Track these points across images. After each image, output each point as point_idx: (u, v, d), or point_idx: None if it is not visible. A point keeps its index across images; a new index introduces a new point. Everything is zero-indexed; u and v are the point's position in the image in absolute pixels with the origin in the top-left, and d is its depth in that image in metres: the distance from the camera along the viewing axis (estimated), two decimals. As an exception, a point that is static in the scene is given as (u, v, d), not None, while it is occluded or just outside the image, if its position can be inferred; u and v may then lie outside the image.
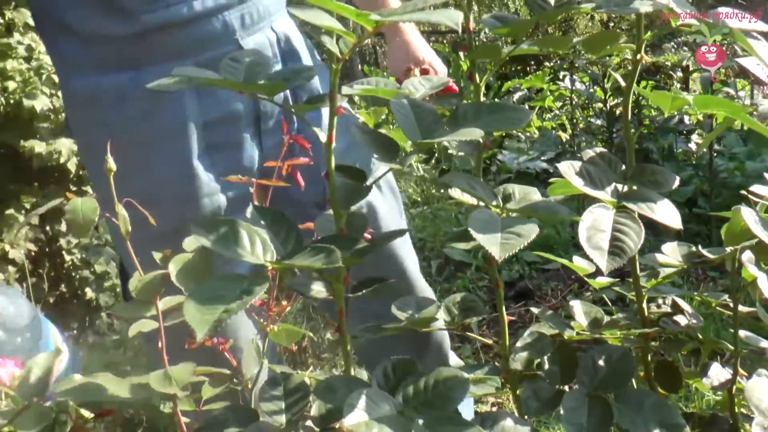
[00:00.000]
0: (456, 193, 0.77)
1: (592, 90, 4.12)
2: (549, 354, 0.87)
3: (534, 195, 0.78)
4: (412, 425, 0.64)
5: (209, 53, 1.12)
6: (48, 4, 1.14)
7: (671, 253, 0.92)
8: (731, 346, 0.87)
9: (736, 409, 0.88)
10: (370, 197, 1.28)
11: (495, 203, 0.74)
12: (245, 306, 0.55)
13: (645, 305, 0.91)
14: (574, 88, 4.17)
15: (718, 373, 0.87)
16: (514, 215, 0.73)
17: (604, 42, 0.85)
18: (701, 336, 0.89)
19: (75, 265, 2.98)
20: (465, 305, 0.87)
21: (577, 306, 0.94)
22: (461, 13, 0.59)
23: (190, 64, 1.09)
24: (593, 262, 1.03)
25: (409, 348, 1.31)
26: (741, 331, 0.93)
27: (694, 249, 0.92)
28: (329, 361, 2.64)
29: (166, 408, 2.57)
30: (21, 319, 1.11)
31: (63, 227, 2.91)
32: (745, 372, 0.87)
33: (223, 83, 0.72)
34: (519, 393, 0.86)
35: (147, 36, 1.11)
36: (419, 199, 4.01)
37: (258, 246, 0.62)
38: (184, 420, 0.89)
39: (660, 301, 0.94)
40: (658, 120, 4.40)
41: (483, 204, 0.74)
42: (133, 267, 0.77)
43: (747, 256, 0.83)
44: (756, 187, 0.90)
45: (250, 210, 0.68)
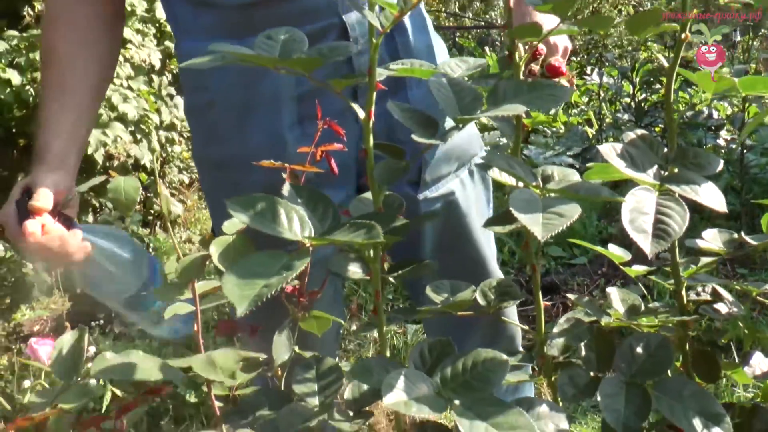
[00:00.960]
0: (495, 174, 0.76)
1: (620, 84, 4.08)
2: (586, 341, 0.86)
3: (574, 176, 0.77)
4: (450, 406, 0.63)
5: (309, 26, 1.09)
6: None
7: (712, 240, 0.90)
8: (774, 334, 0.85)
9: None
10: (451, 187, 1.29)
11: (535, 183, 0.72)
12: (285, 281, 0.54)
13: (684, 293, 0.89)
14: (602, 82, 4.13)
15: (760, 362, 0.85)
16: (554, 196, 0.71)
17: (646, 21, 0.83)
18: (743, 325, 0.87)
19: (101, 256, 3.00)
20: (501, 289, 0.86)
21: (614, 293, 0.92)
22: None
23: None
24: (627, 249, 1.03)
25: (482, 340, 1.30)
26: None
27: (735, 236, 0.90)
28: (355, 353, 2.63)
29: (191, 397, 2.58)
30: (129, 255, 1.15)
31: (90, 218, 2.92)
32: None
33: (258, 59, 0.71)
34: (554, 380, 0.85)
35: (254, 6, 1.13)
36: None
37: (295, 222, 0.61)
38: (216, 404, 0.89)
39: (699, 289, 0.91)
40: (687, 115, 4.35)
41: (522, 185, 0.72)
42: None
43: None
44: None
45: (286, 188, 0.66)
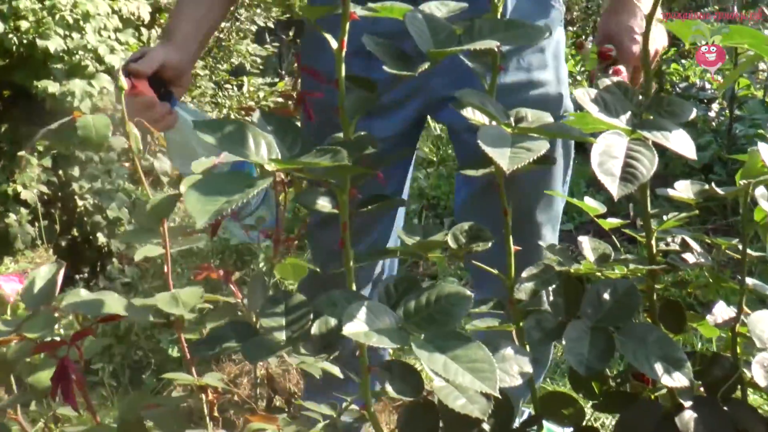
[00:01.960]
0: (468, 113, 0.75)
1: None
2: (554, 286, 0.86)
3: (547, 118, 0.77)
4: (412, 339, 0.63)
5: None
6: None
7: (683, 190, 0.91)
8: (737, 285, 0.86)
9: (738, 350, 0.87)
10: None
11: (507, 122, 0.72)
12: (247, 198, 0.54)
13: (654, 243, 0.90)
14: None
15: (722, 312, 0.86)
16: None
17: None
18: (708, 274, 0.88)
19: (87, 210, 2.98)
20: (473, 233, 0.86)
21: (586, 242, 0.93)
22: None
23: None
24: (601, 201, 1.03)
25: None
26: (747, 279, 0.92)
27: (707, 186, 0.90)
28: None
29: (173, 352, 2.60)
30: None
31: (76, 172, 2.91)
32: (750, 311, 0.86)
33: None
34: (522, 324, 0.86)
35: None
36: (435, 159, 3.99)
37: (263, 147, 0.61)
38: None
39: (669, 240, 0.92)
40: (680, 86, 4.34)
41: (495, 123, 0.72)
42: None
43: (760, 191, 0.81)
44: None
45: (256, 116, 0.66)
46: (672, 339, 0.82)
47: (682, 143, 0.77)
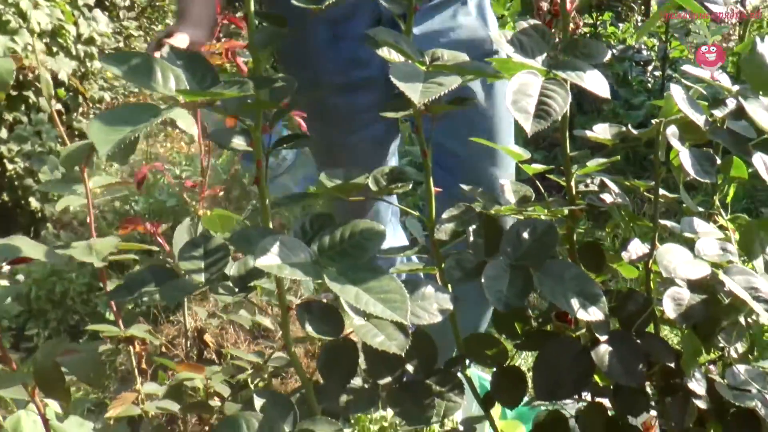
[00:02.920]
0: (384, 53, 0.75)
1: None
2: (475, 227, 0.87)
3: (462, 57, 0.77)
4: (325, 271, 0.64)
5: None
6: None
7: (601, 132, 0.92)
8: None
9: (651, 286, 0.90)
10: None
11: (420, 60, 0.72)
12: (150, 126, 0.53)
13: (573, 184, 0.92)
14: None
15: (637, 248, 0.88)
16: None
17: None
18: (624, 213, 0.90)
19: (18, 174, 2.90)
20: (393, 176, 0.86)
21: (507, 184, 0.94)
22: None
23: None
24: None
25: None
26: (665, 221, 0.94)
27: (623, 128, 0.92)
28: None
29: (110, 315, 2.56)
30: None
31: (3, 134, 2.82)
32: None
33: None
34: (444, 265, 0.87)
35: None
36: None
37: (171, 80, 0.60)
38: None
39: (588, 181, 0.94)
40: (617, 48, 4.41)
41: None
42: None
43: (671, 130, 0.83)
44: (687, 67, 0.90)
45: (165, 51, 0.65)
46: (588, 276, 0.84)
47: (595, 82, 0.79)
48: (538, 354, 0.87)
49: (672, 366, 0.90)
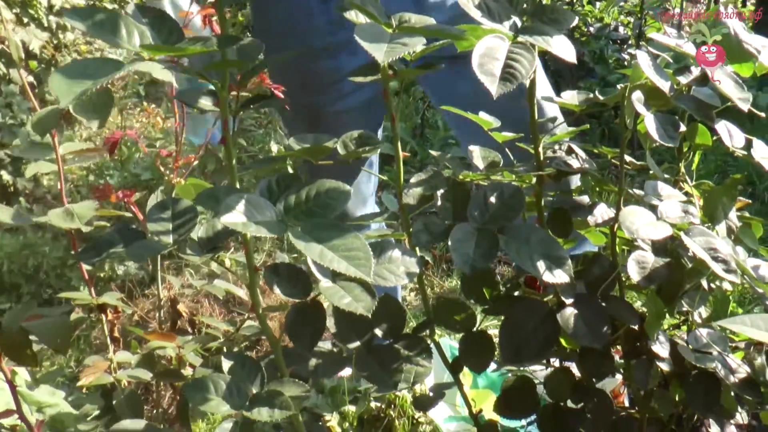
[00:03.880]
0: (352, 16, 0.75)
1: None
2: (443, 191, 0.88)
3: (429, 20, 0.77)
4: (290, 229, 0.64)
5: None
6: None
7: (569, 98, 0.93)
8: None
9: (617, 250, 0.91)
10: None
11: (387, 22, 0.73)
12: (112, 78, 0.53)
13: (541, 150, 0.93)
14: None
15: (603, 212, 0.90)
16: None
17: None
18: (591, 178, 0.92)
19: (-12, 147, 2.86)
20: (362, 140, 0.87)
21: (476, 150, 0.95)
22: None
23: None
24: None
25: None
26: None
27: (591, 95, 0.93)
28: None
29: (85, 289, 2.55)
30: None
31: (-27, 105, 2.78)
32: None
33: None
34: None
35: None
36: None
37: (135, 36, 0.60)
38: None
39: (556, 147, 0.95)
40: (594, 27, 4.41)
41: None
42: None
43: (636, 95, 0.84)
44: (654, 35, 0.91)
45: (130, 8, 0.65)
46: (554, 239, 0.85)
47: (562, 47, 0.79)
48: (504, 318, 0.89)
49: (636, 329, 0.92)
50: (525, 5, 0.85)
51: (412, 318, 2.01)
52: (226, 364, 0.77)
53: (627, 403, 1.13)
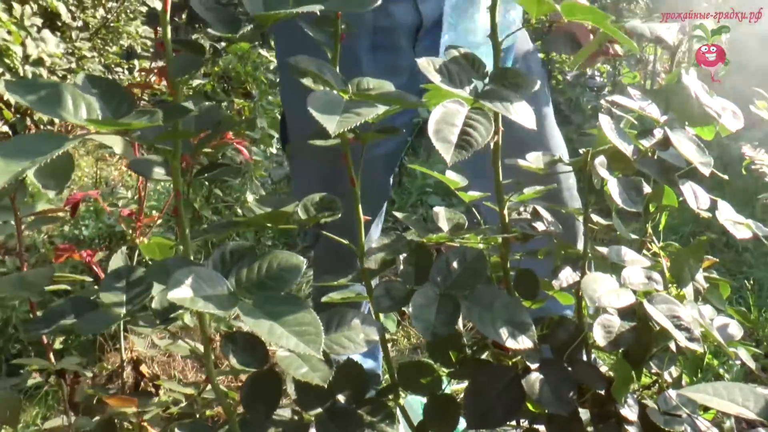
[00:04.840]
0: (308, 82, 0.75)
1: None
2: (406, 255, 0.87)
3: (388, 86, 0.77)
4: (239, 304, 0.62)
5: None
6: None
7: (534, 160, 0.93)
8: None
9: (583, 312, 0.90)
10: None
11: (344, 89, 0.72)
12: (52, 157, 0.52)
13: (506, 212, 0.92)
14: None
15: (568, 276, 0.89)
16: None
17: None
18: (556, 241, 0.91)
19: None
20: (323, 204, 0.86)
21: (441, 212, 0.94)
22: None
23: None
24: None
25: None
26: (602, 248, 0.95)
27: (556, 157, 0.93)
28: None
29: (57, 344, 2.50)
30: None
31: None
32: (594, 275, 0.89)
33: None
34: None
35: None
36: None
37: (82, 109, 0.59)
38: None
39: (521, 209, 0.94)
40: (570, 75, 4.48)
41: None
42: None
43: (599, 160, 0.84)
44: (617, 97, 0.91)
45: (80, 78, 0.64)
46: (519, 303, 0.84)
47: (521, 113, 0.79)
48: (469, 383, 0.87)
49: (604, 393, 0.90)
50: (486, 69, 0.85)
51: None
52: (180, 435, 0.75)
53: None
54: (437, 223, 0.93)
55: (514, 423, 0.99)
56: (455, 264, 0.85)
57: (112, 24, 3.71)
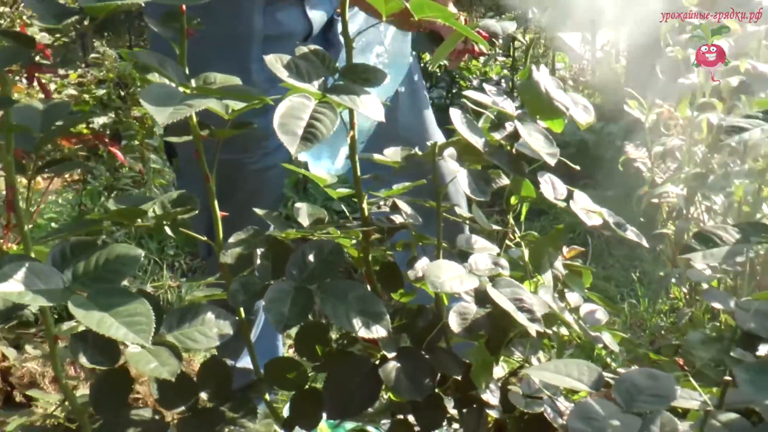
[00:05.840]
0: (153, 77, 0.75)
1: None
2: (263, 250, 0.88)
3: (235, 81, 0.78)
4: (72, 297, 0.62)
5: None
6: None
7: (391, 155, 0.96)
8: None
9: (445, 301, 0.93)
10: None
11: (185, 83, 0.73)
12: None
13: (366, 206, 0.94)
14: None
15: (423, 266, 0.91)
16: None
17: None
18: (414, 234, 0.93)
19: None
20: (180, 201, 0.86)
21: (303, 208, 0.96)
22: None
23: None
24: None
25: None
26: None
27: (412, 152, 0.96)
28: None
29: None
30: None
31: None
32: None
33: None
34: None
35: None
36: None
37: None
38: None
39: (382, 203, 0.96)
40: (477, 80, 4.58)
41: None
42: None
43: (449, 152, 0.87)
44: (469, 93, 0.94)
45: None
46: (373, 295, 0.86)
47: (370, 106, 0.81)
48: (327, 374, 0.88)
49: (466, 379, 0.93)
50: (336, 65, 0.87)
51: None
52: (30, 439, 0.74)
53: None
54: (297, 219, 0.95)
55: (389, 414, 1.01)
56: (311, 257, 0.86)
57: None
